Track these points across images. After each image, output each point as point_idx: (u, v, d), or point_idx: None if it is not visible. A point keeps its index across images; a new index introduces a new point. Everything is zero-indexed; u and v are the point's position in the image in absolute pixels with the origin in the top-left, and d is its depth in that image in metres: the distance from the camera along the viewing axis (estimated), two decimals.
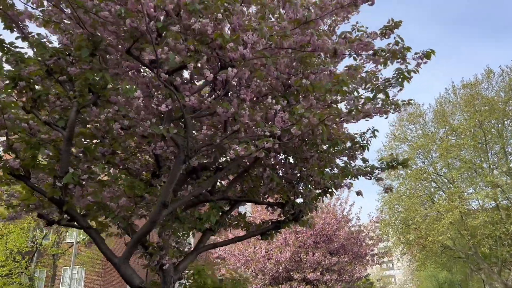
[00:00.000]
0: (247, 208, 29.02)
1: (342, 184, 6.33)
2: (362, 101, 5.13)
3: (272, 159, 6.14)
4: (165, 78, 4.22)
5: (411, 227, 28.13)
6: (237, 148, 4.33)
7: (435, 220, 26.87)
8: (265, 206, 7.45)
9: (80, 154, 4.98)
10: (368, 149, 6.07)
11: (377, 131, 5.95)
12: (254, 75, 4.65)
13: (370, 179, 6.33)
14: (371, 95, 5.20)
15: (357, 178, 6.25)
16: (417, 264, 34.30)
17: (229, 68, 4.34)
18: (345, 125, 5.66)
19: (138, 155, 6.04)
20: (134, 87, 4.15)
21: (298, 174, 6.31)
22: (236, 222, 7.04)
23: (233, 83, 5.16)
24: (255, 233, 6.93)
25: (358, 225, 22.31)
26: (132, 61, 4.77)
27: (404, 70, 5.08)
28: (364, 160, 6.31)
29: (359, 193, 6.37)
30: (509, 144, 26.91)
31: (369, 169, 6.25)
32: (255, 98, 5.16)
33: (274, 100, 4.66)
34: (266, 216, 12.86)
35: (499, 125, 26.91)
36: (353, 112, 4.85)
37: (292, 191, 6.49)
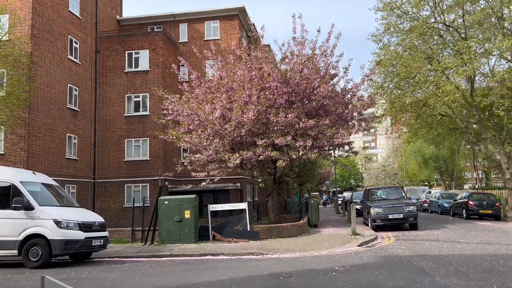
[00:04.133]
0: None
1: None
2: None
3: None
4: None
5: (408, 90, 23.47)
6: None
7: (439, 81, 22.03)
8: None
9: None
10: None
11: None
12: None
13: None
14: None
15: None
16: (407, 135, 30.67)
17: None
18: None
19: None
20: None
21: None
22: None
23: None
24: None
25: (346, 80, 17.42)
26: None
27: None
28: None
29: None
30: None
31: None
32: None
33: None
34: None
35: None
36: None
37: None
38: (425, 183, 67.78)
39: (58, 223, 9.73)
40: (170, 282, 7.47)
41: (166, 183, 23.92)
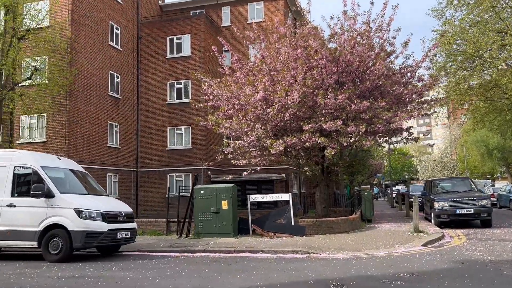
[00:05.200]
0: None
1: None
2: None
3: None
4: None
5: (476, 70, 20.71)
6: None
7: None
8: None
9: None
10: None
11: None
12: None
13: None
14: None
15: None
16: (471, 122, 27.61)
17: None
18: None
19: None
20: None
21: None
22: None
23: None
24: None
25: (405, 56, 15.33)
26: None
27: None
28: None
29: None
30: None
31: None
32: None
33: None
34: None
35: None
36: None
37: None
38: (488, 176, 62.66)
39: (79, 212, 8.78)
40: (193, 287, 6.19)
41: (209, 172, 22.95)
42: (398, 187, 50.67)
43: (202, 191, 12.13)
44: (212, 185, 12.93)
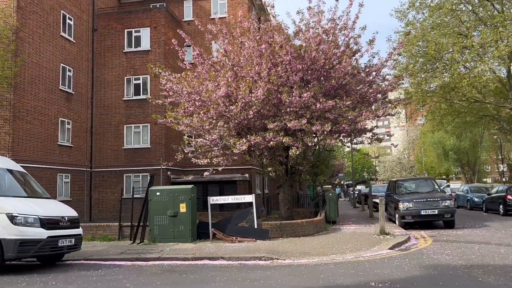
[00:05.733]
0: None
1: None
2: None
3: None
4: None
5: (437, 71, 20.95)
6: None
7: (473, 60, 19.55)
8: None
9: None
10: None
11: None
12: None
13: None
14: None
15: None
16: (430, 124, 28.22)
17: None
18: None
19: None
20: None
21: None
22: None
23: None
24: None
25: (371, 54, 15.07)
26: None
27: None
28: None
29: None
30: None
31: None
32: None
33: None
34: None
35: None
36: None
37: None
38: (443, 177, 64.90)
39: (12, 218, 7.67)
40: None
41: (168, 173, 21.92)
42: (359, 187, 51.40)
43: (158, 193, 11.20)
44: (169, 187, 12.03)
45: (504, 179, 51.73)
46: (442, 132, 45.63)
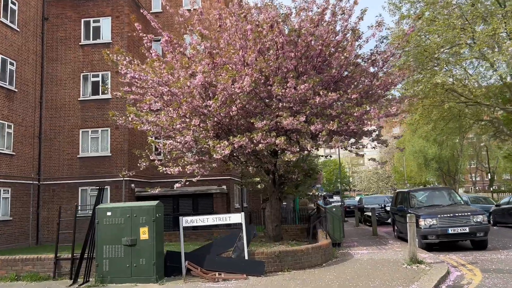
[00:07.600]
0: None
1: None
2: None
3: None
4: None
5: (439, 68, 18.79)
6: None
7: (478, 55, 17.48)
8: None
9: None
10: None
11: None
12: None
13: None
14: None
15: None
16: (423, 130, 26.28)
17: None
18: None
19: None
20: None
21: None
22: None
23: None
24: None
25: (379, 38, 12.53)
26: None
27: None
28: None
29: None
30: None
31: None
32: None
33: None
34: None
35: None
36: None
37: None
38: (421, 186, 63.73)
39: None
40: None
41: (132, 185, 18.59)
42: (335, 198, 49.51)
43: (109, 213, 7.97)
44: (124, 204, 8.85)
45: (476, 188, 50.61)
46: (422, 141, 44.17)
